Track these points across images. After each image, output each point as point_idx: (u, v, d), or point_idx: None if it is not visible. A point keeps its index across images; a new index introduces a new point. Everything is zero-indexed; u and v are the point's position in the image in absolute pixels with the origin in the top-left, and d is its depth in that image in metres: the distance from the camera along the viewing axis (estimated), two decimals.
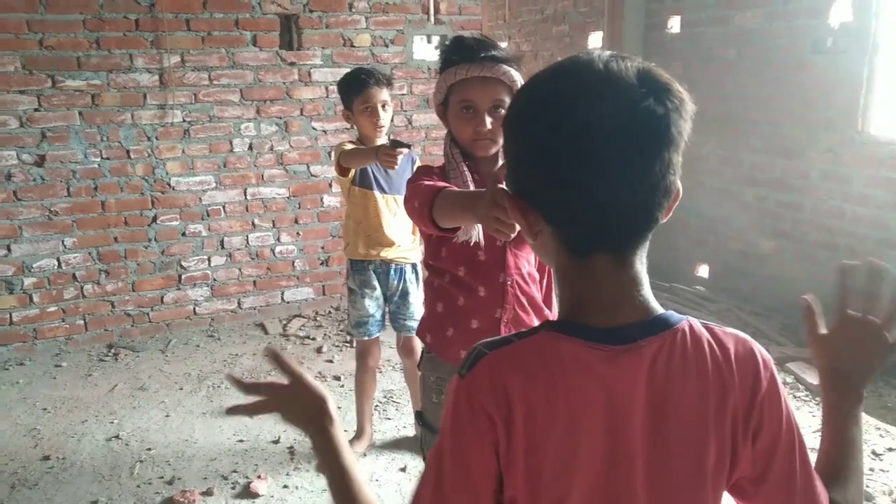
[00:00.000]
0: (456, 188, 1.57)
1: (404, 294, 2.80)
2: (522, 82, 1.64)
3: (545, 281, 1.81)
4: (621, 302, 0.80)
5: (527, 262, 1.74)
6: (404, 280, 2.79)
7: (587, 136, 0.74)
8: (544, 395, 0.78)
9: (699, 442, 0.80)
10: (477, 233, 1.63)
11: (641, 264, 0.82)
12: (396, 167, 2.43)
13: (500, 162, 1.64)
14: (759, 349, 0.84)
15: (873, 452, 2.86)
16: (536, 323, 1.72)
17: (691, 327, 0.81)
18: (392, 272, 2.77)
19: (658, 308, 0.82)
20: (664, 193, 0.78)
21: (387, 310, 2.87)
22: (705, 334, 0.82)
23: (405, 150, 2.41)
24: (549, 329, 0.81)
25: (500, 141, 1.64)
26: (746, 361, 0.82)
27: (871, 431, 3.03)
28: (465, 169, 1.66)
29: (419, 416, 1.89)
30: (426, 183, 1.59)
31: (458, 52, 1.62)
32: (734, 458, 0.81)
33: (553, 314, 1.84)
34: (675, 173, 0.78)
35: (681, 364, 0.79)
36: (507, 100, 1.60)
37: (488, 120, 1.61)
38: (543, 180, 0.78)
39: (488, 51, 1.60)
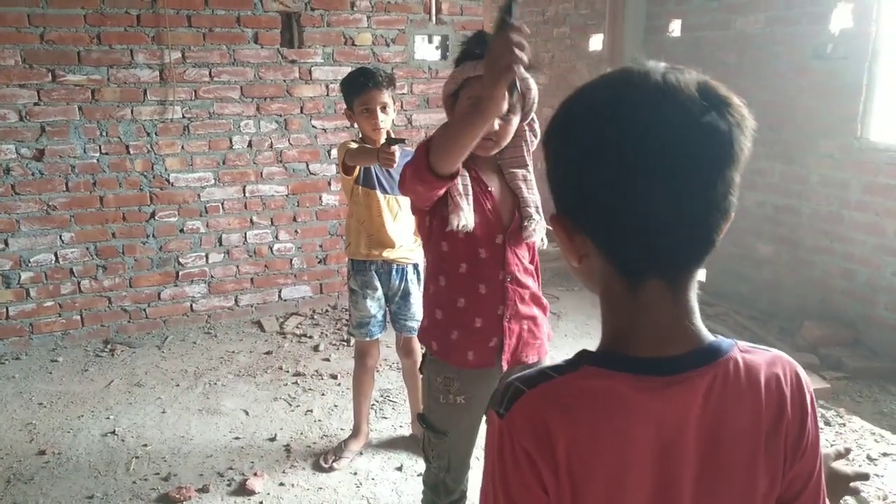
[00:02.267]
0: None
1: (406, 294, 2.79)
2: (536, 90, 1.65)
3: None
4: (673, 332, 0.76)
5: (523, 257, 1.78)
6: (406, 280, 2.78)
7: (646, 149, 0.69)
8: (588, 434, 0.75)
9: (750, 470, 0.77)
10: (468, 220, 1.65)
11: (694, 291, 0.78)
12: (395, 164, 2.44)
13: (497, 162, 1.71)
14: (801, 371, 0.83)
15: (868, 457, 2.87)
16: (536, 313, 1.78)
17: (743, 355, 0.78)
18: (394, 272, 2.76)
19: (708, 336, 0.78)
20: (723, 214, 0.74)
21: (388, 310, 2.86)
22: (757, 361, 0.78)
23: (398, 147, 2.42)
24: (591, 363, 0.78)
25: (503, 143, 1.67)
26: (795, 386, 0.80)
27: (867, 436, 3.04)
28: (463, 170, 1.66)
29: (422, 419, 1.89)
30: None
31: (481, 48, 1.56)
32: (783, 481, 0.80)
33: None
34: (734, 193, 0.74)
35: (735, 394, 0.76)
36: (518, 105, 1.63)
37: (497, 122, 1.58)
38: (596, 198, 0.73)
39: None
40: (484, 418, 1.91)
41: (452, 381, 1.79)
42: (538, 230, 1.73)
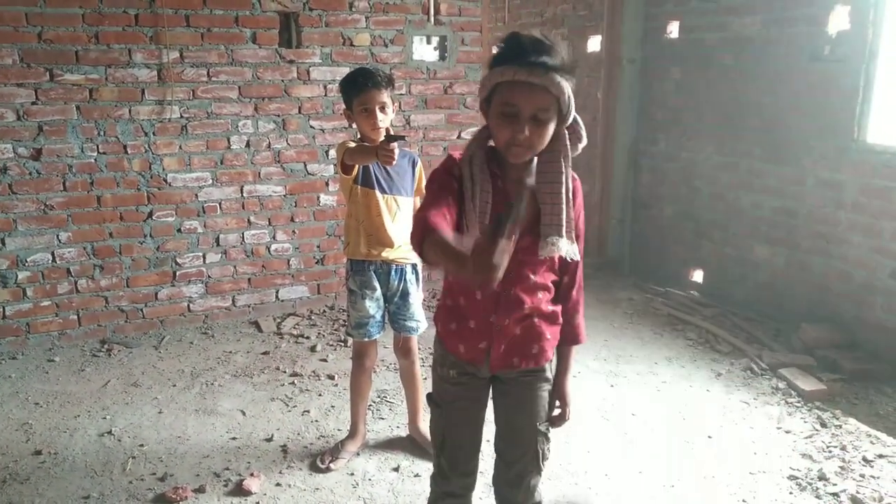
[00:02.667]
0: (447, 235, 1.48)
1: (404, 294, 2.79)
2: (572, 93, 1.55)
3: (572, 288, 1.83)
4: None
5: (532, 273, 1.72)
6: (405, 280, 2.78)
7: None
8: None
9: None
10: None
11: None
12: (395, 163, 2.44)
13: (531, 169, 1.62)
14: None
15: (864, 459, 2.88)
16: (536, 323, 1.77)
17: None
18: (393, 272, 2.76)
19: None
20: None
21: (386, 310, 2.86)
22: None
23: (397, 144, 2.42)
24: None
25: (537, 148, 1.60)
26: None
27: (863, 438, 3.05)
28: (486, 184, 1.63)
29: (430, 398, 1.94)
30: (431, 207, 1.58)
31: (512, 51, 1.54)
32: None
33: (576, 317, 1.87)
34: None
35: None
36: (552, 110, 1.55)
37: (527, 127, 1.55)
38: None
39: (541, 55, 1.51)
40: (482, 419, 1.92)
41: (445, 357, 1.86)
42: (558, 249, 1.65)
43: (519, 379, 1.83)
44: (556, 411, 1.91)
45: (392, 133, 2.61)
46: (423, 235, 1.49)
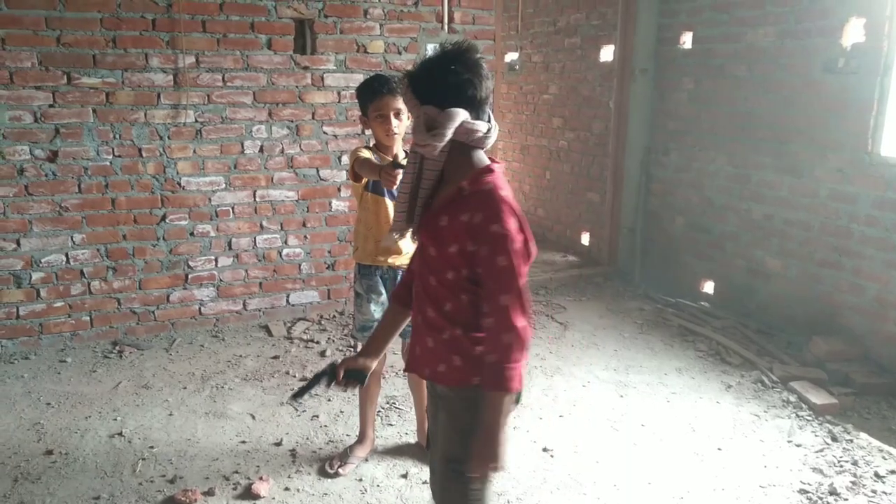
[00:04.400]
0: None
1: None
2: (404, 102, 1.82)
3: (487, 317, 1.62)
4: None
5: (431, 274, 1.71)
6: None
7: None
8: None
9: None
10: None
11: None
12: (395, 187, 2.46)
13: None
14: None
15: (876, 475, 2.86)
16: (447, 340, 1.70)
17: None
18: (399, 278, 2.77)
19: None
20: None
21: None
22: None
23: (401, 172, 2.44)
24: None
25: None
26: None
27: (874, 453, 3.02)
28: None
29: None
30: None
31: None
32: None
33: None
34: None
35: None
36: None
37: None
38: None
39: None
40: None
41: None
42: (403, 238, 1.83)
43: (439, 396, 1.80)
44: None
45: (401, 159, 2.64)
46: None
